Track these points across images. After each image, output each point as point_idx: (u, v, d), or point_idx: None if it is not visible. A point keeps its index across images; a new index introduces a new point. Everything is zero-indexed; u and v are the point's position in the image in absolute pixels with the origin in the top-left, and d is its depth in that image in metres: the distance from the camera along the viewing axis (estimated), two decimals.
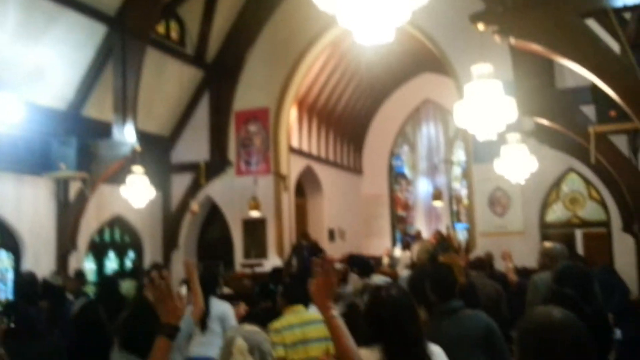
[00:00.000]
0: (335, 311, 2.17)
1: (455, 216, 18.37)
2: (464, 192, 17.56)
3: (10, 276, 9.69)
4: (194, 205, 12.81)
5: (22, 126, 8.27)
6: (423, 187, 18.82)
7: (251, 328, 1.96)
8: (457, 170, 18.58)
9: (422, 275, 4.02)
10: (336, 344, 2.08)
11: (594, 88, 6.77)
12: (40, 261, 9.58)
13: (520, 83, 8.35)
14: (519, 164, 8.62)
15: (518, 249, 9.63)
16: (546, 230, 11.20)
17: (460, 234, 17.01)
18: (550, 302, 3.78)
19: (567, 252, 4.83)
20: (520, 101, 6.42)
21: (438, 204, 17.19)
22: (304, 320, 4.03)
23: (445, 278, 3.57)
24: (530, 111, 8.14)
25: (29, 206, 9.76)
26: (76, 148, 9.63)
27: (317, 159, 15.59)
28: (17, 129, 8.14)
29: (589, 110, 8.01)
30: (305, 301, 4.07)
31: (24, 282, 6.58)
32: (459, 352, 2.77)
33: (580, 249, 10.89)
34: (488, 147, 9.94)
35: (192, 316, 4.14)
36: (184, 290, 5.96)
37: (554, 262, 4.30)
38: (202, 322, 5.03)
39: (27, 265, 9.40)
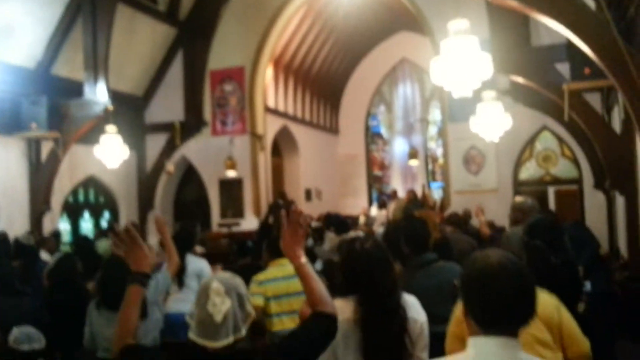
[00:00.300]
0: (305, 259, 2.19)
1: (430, 175, 18.55)
2: (439, 152, 17.70)
3: None
4: (170, 166, 12.71)
5: None
6: (399, 146, 18.90)
7: (226, 274, 1.96)
8: (433, 130, 18.66)
9: (396, 229, 4.08)
10: (307, 289, 2.11)
11: (569, 45, 6.79)
12: (14, 222, 9.45)
13: (496, 40, 8.35)
14: (494, 122, 8.69)
15: (492, 206, 9.82)
16: (519, 187, 11.41)
17: (436, 193, 17.22)
18: (521, 254, 3.89)
19: (538, 207, 4.92)
20: (496, 58, 6.43)
21: (414, 163, 17.30)
22: (287, 274, 4.08)
23: (418, 231, 3.64)
24: (506, 68, 8.17)
25: (0, 167, 9.57)
26: (47, 107, 9.42)
27: (294, 118, 15.49)
28: None
29: (564, 68, 8.05)
30: None
31: None
32: (433, 302, 2.83)
33: (552, 206, 11.13)
34: (463, 106, 10.01)
35: (168, 271, 4.14)
36: (154, 243, 5.95)
37: (526, 216, 4.39)
38: (179, 279, 5.07)
39: (0, 226, 9.28)
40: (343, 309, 2.34)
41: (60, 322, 4.38)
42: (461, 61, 5.30)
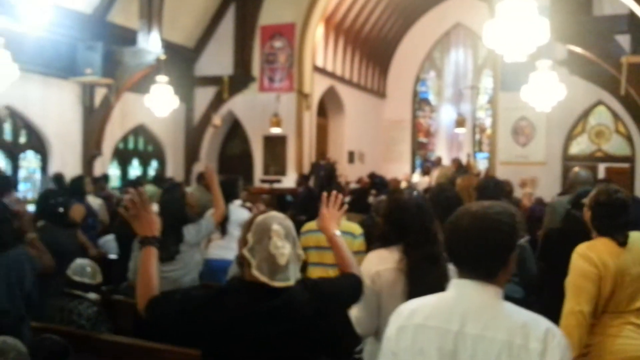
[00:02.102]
0: (337, 231, 2.43)
1: (477, 145, 18.26)
2: (488, 122, 17.36)
3: (38, 177, 10.00)
4: (217, 119, 12.89)
5: (49, 28, 8.26)
6: (447, 114, 18.60)
7: (279, 214, 1.99)
8: (483, 99, 18.27)
9: (440, 190, 4.06)
10: (338, 257, 2.36)
11: (632, 16, 6.52)
12: (67, 164, 9.81)
13: (557, 7, 8.05)
14: (547, 92, 8.45)
15: (538, 180, 9.63)
16: (568, 162, 11.13)
17: (481, 164, 16.97)
18: (564, 224, 3.85)
19: (592, 180, 4.80)
20: (554, 26, 6.23)
21: (460, 130, 17.02)
22: None
23: (448, 197, 3.55)
24: (564, 37, 7.90)
25: (55, 109, 9.90)
26: (102, 54, 9.64)
27: (341, 79, 15.40)
28: (44, 30, 8.14)
29: (624, 40, 7.74)
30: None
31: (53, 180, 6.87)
32: None
33: None
34: (516, 75, 9.75)
35: (212, 218, 4.28)
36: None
37: (576, 187, 4.31)
38: (222, 226, 5.22)
39: (54, 167, 9.66)
40: (386, 258, 2.44)
41: (124, 255, 4.66)
42: (516, 25, 5.16)
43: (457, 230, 1.55)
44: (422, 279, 2.41)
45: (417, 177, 14.74)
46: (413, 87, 18.80)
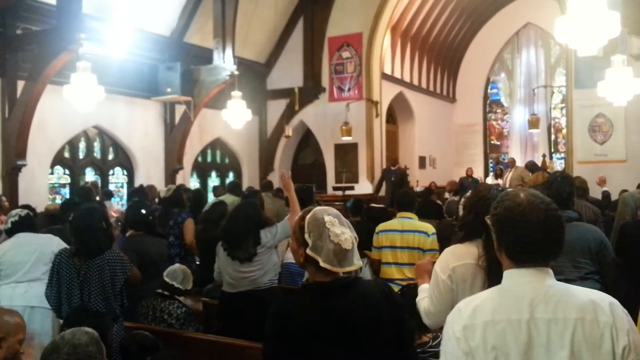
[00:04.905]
0: None
1: (553, 146, 17.73)
2: (564, 121, 16.82)
3: (125, 190, 10.66)
4: (289, 130, 13.25)
5: (132, 51, 8.87)
6: (519, 115, 18.16)
7: (322, 207, 2.09)
8: (557, 98, 17.74)
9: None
10: None
11: None
12: (152, 177, 10.43)
13: (627, 2, 7.81)
14: (623, 87, 8.18)
15: (619, 177, 9.31)
16: None
17: (558, 164, 16.46)
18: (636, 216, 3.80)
19: None
20: (629, 19, 6.08)
21: (535, 131, 16.58)
22: (405, 227, 4.35)
23: (562, 188, 3.57)
24: (637, 30, 7.65)
25: (139, 127, 10.56)
26: (180, 73, 10.23)
27: (410, 85, 15.44)
28: (127, 53, 8.74)
29: None
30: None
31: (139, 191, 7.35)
32: (569, 256, 2.94)
33: None
34: (591, 72, 9.49)
35: (288, 221, 4.46)
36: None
37: None
38: None
39: (139, 182, 10.27)
40: (462, 254, 2.43)
41: (206, 258, 4.93)
42: (588, 18, 5.10)
43: (516, 219, 1.56)
44: (501, 275, 2.42)
45: (490, 180, 14.50)
46: (484, 89, 18.53)
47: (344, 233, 1.96)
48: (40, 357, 2.08)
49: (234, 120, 10.63)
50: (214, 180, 12.76)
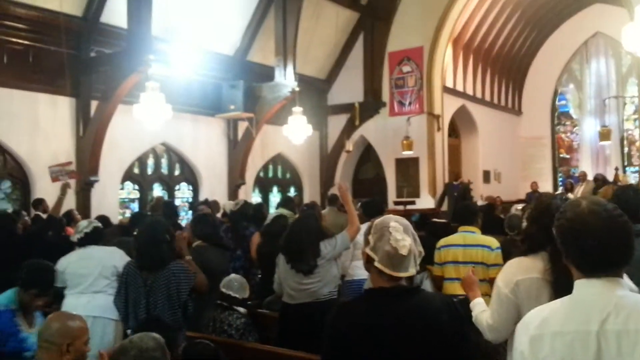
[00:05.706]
0: None
1: (627, 159, 16.94)
2: (637, 133, 16.08)
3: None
4: (349, 145, 13.30)
5: (197, 71, 9.19)
6: (590, 127, 17.46)
7: (396, 216, 2.12)
8: (629, 109, 16.97)
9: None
10: None
11: None
12: (215, 193, 10.68)
13: None
14: None
15: None
16: None
17: (632, 178, 15.70)
18: None
19: None
20: None
21: (606, 143, 15.90)
22: (467, 242, 4.27)
23: (631, 199, 3.38)
24: None
25: (204, 143, 10.89)
26: (243, 90, 10.50)
27: (473, 98, 15.19)
28: (193, 73, 9.07)
29: None
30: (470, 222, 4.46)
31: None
32: None
33: None
34: None
35: (347, 233, 4.45)
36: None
37: None
38: None
39: (204, 196, 10.55)
40: (527, 268, 2.35)
41: (267, 271, 5.01)
42: None
43: (578, 229, 1.53)
44: (569, 288, 2.33)
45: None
46: (551, 101, 17.98)
47: (404, 239, 1.99)
48: (109, 358, 2.17)
49: (295, 135, 10.79)
50: (275, 195, 12.95)
